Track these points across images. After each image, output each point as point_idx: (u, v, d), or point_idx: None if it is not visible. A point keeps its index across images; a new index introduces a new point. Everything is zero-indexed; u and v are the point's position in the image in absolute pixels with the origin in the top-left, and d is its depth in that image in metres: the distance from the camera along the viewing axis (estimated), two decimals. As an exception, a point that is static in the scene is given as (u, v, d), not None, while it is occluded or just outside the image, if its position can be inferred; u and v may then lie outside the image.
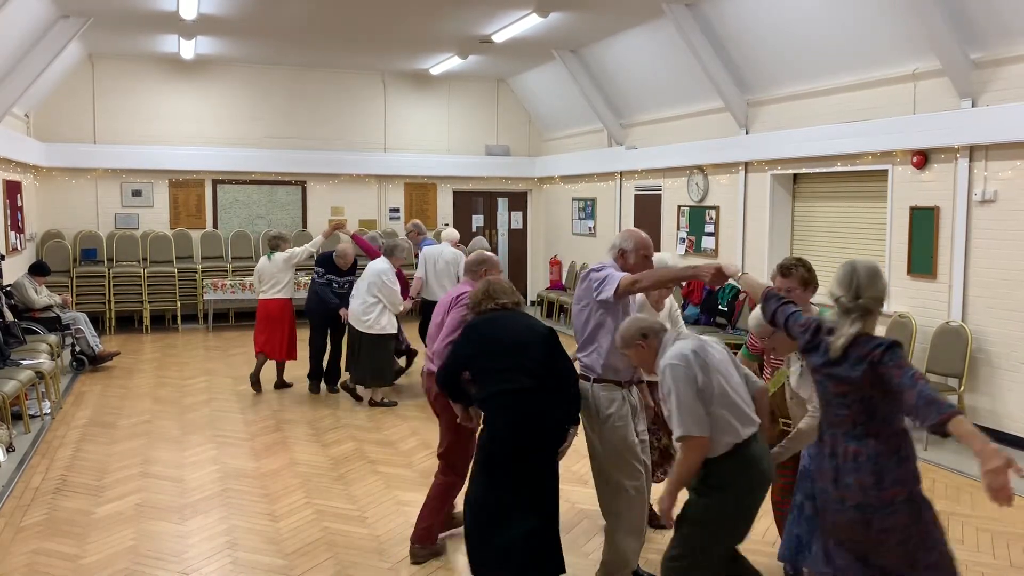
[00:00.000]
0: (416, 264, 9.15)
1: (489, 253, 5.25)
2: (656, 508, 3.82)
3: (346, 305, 8.34)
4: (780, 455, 3.93)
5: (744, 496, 3.46)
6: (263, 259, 8.90)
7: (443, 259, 8.75)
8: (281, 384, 9.03)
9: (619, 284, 4.13)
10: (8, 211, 10.53)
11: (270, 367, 9.03)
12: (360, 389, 8.46)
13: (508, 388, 3.97)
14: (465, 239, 15.29)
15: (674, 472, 3.48)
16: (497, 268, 4.97)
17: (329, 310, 8.54)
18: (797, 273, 4.09)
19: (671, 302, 5.15)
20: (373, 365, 8.11)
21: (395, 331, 8.30)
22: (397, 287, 8.16)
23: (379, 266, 8.14)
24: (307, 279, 11.28)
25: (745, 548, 3.70)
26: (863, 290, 3.02)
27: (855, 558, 3.03)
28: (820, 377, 3.12)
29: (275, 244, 8.93)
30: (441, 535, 4.91)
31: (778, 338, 3.77)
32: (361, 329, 8.00)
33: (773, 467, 3.68)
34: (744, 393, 3.55)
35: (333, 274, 8.66)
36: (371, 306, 8.01)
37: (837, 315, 3.08)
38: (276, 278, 8.73)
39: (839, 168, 8.77)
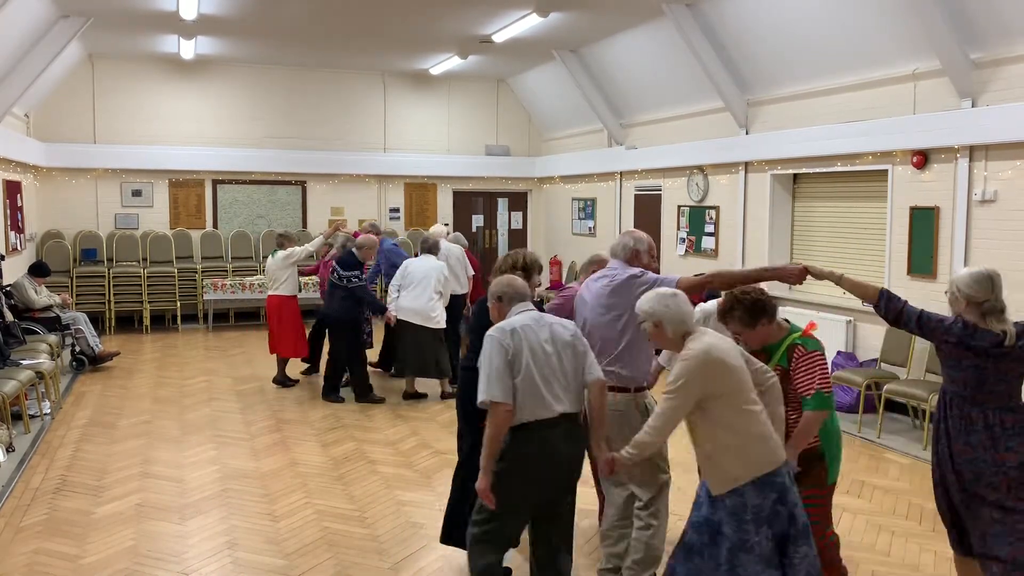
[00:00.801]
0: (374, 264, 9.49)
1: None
2: None
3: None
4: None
5: (519, 468, 3.57)
6: (270, 257, 9.16)
7: (453, 256, 9.21)
8: (283, 380, 9.09)
9: (679, 283, 4.00)
10: (8, 211, 10.53)
11: (296, 365, 9.53)
12: (414, 382, 8.67)
13: None
14: (466, 239, 15.36)
15: (484, 441, 3.57)
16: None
17: (359, 314, 8.52)
18: (734, 316, 3.88)
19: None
20: (439, 357, 8.44)
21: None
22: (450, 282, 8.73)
23: (434, 263, 8.51)
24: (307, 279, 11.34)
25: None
26: (1000, 292, 3.74)
27: (996, 508, 3.64)
28: (980, 362, 3.66)
29: (279, 242, 9.12)
30: None
31: (753, 334, 3.90)
32: (430, 325, 8.34)
33: (573, 455, 3.66)
34: (568, 378, 3.62)
35: (358, 269, 8.58)
36: (436, 302, 8.36)
37: (977, 312, 3.77)
38: (276, 276, 8.99)
39: (839, 168, 8.77)
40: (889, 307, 3.86)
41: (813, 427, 3.73)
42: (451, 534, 4.63)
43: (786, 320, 4.03)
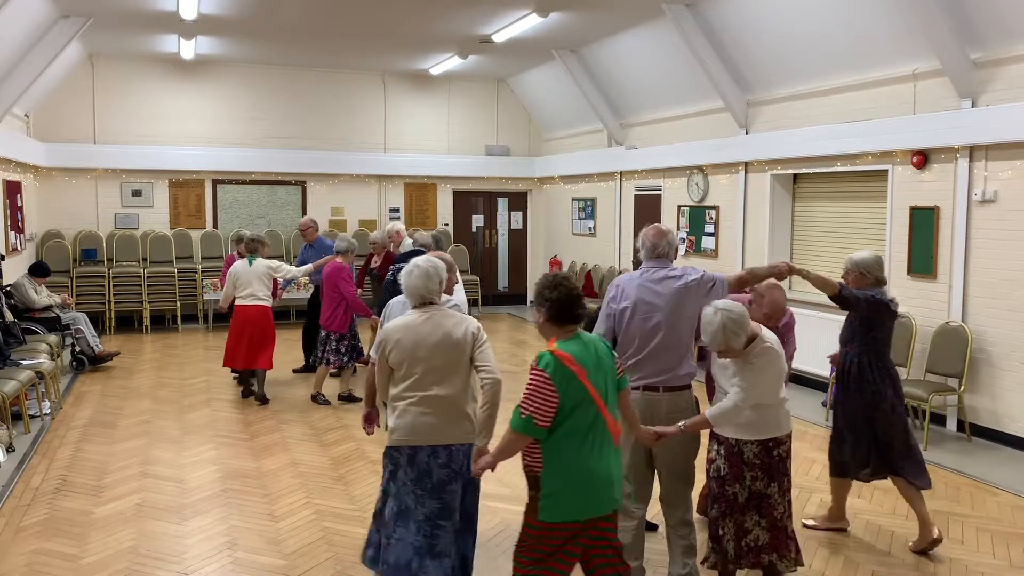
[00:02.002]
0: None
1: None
2: None
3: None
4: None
5: None
6: (240, 262, 8.30)
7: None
8: (262, 396, 8.40)
9: (728, 282, 4.22)
10: (8, 211, 10.53)
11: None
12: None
13: None
14: (466, 239, 15.38)
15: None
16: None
17: None
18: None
19: None
20: None
21: None
22: None
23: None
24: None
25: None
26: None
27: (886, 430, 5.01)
28: (892, 324, 4.98)
29: (254, 248, 8.36)
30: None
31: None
32: None
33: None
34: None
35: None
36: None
37: (876, 287, 4.91)
38: (256, 284, 8.17)
39: (839, 168, 8.77)
40: (845, 294, 4.78)
41: (509, 444, 3.31)
42: None
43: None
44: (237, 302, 8.24)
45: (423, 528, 3.69)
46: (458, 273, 8.01)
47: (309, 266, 8.83)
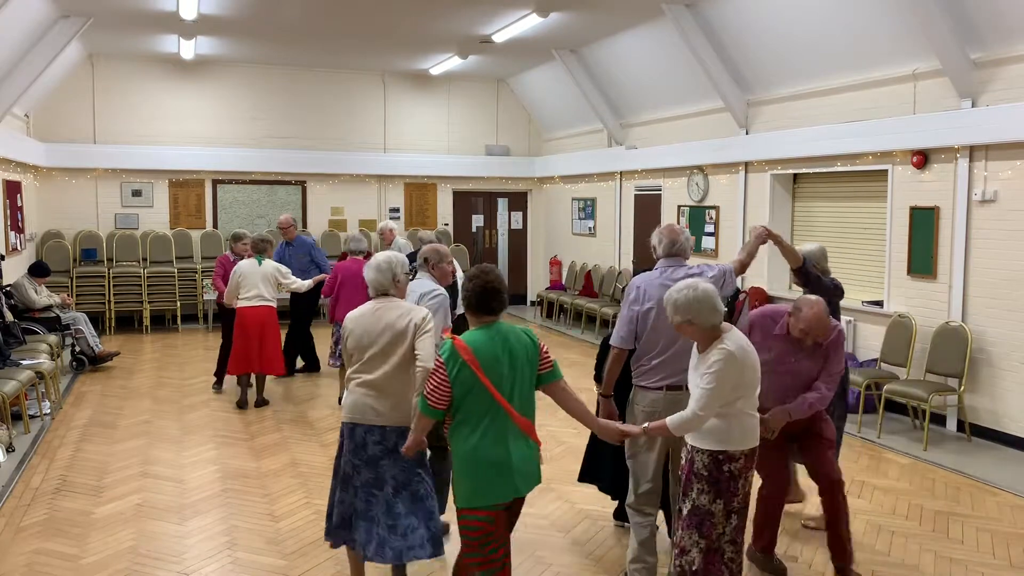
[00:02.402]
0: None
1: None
2: None
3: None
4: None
5: None
6: (247, 262, 8.10)
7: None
8: (262, 400, 8.27)
9: (733, 270, 4.40)
10: (8, 211, 10.53)
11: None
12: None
13: None
14: (466, 239, 15.37)
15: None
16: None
17: None
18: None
19: None
20: None
21: None
22: None
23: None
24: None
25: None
26: None
27: None
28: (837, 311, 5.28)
29: (262, 248, 8.19)
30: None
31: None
32: None
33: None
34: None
35: None
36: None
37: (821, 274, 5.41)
38: (259, 288, 8.00)
39: (839, 168, 8.77)
40: (808, 269, 5.24)
41: (416, 423, 3.67)
42: None
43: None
44: (241, 303, 7.99)
45: (359, 494, 4.07)
46: (456, 263, 7.91)
47: (310, 282, 8.62)
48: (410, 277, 4.64)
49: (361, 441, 4.04)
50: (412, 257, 9.63)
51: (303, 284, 8.49)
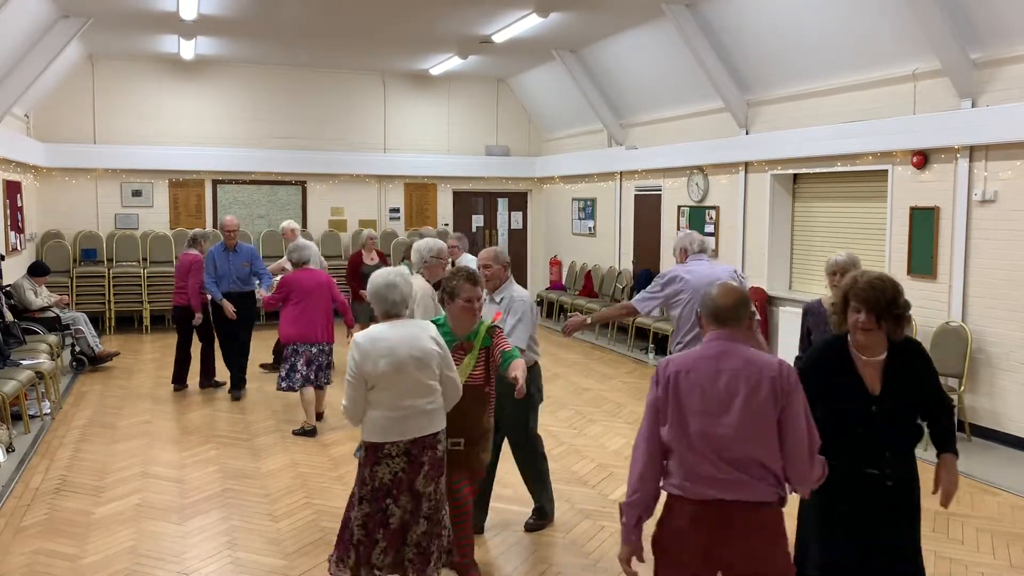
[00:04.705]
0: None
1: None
2: None
3: None
4: None
5: None
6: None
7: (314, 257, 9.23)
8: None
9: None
10: (8, 211, 10.53)
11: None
12: None
13: None
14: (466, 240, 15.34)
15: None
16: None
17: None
18: None
19: None
20: None
21: None
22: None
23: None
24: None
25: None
26: None
27: None
28: None
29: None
30: None
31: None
32: None
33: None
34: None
35: None
36: None
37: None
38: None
39: (839, 168, 8.77)
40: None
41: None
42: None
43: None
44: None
45: None
46: (465, 253, 7.70)
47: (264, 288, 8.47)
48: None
49: None
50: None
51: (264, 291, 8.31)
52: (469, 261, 8.28)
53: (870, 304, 3.13)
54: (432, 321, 4.12)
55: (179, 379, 8.90)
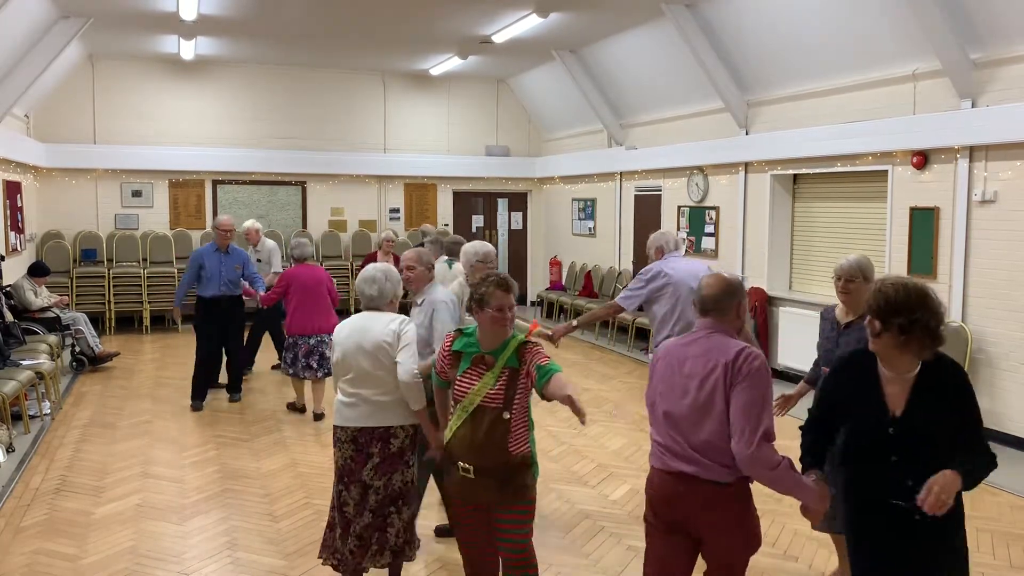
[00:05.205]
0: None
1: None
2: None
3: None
4: None
5: None
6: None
7: (266, 250, 9.66)
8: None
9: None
10: (8, 211, 10.53)
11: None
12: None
13: None
14: (466, 240, 15.33)
15: None
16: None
17: None
18: None
19: None
20: None
21: None
22: None
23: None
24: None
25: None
26: None
27: None
28: None
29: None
30: None
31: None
32: None
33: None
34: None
35: None
36: None
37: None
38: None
39: (839, 168, 8.77)
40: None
41: None
42: None
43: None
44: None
45: None
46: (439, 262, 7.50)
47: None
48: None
49: None
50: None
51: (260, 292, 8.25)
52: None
53: (872, 308, 2.85)
54: (459, 331, 3.70)
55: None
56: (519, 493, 3.51)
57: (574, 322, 5.63)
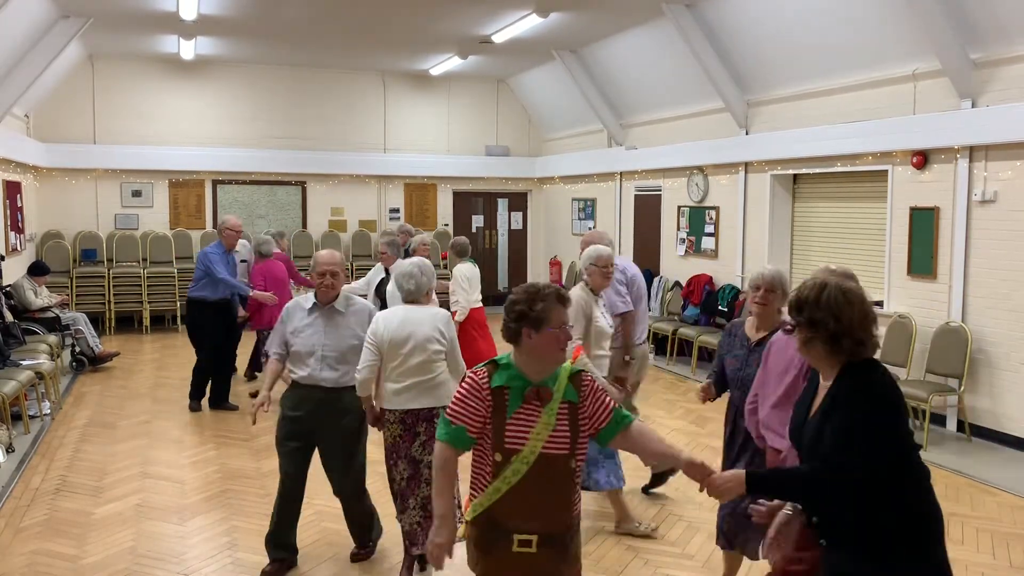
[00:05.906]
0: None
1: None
2: None
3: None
4: None
5: None
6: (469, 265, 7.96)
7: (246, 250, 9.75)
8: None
9: None
10: (8, 211, 10.53)
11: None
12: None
13: None
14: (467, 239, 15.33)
15: None
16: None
17: None
18: None
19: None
20: None
21: None
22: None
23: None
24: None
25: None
26: None
27: None
28: None
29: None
30: None
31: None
32: None
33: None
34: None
35: None
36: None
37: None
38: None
39: (839, 168, 8.77)
40: None
41: None
42: None
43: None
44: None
45: None
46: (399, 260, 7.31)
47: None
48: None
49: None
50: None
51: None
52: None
53: (788, 301, 2.73)
54: (492, 362, 2.86)
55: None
56: (576, 565, 2.89)
57: (627, 357, 5.67)
